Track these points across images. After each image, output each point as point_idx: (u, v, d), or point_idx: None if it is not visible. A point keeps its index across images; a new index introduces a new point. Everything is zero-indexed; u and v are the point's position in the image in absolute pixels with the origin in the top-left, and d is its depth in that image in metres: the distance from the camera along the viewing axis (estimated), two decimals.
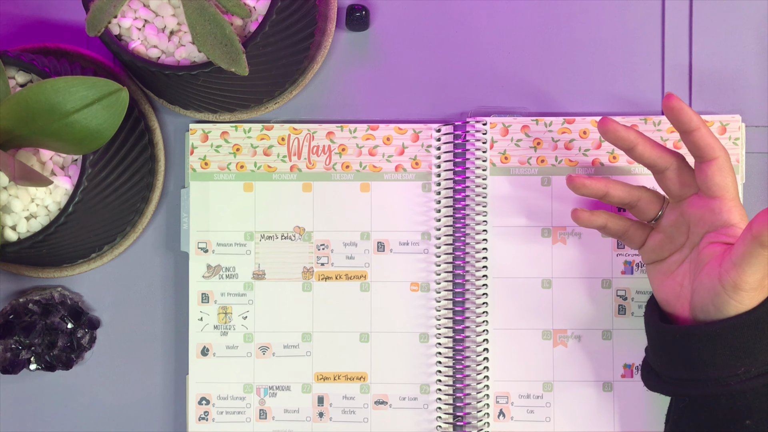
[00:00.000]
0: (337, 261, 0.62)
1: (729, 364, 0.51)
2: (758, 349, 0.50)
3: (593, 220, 0.57)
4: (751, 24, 0.62)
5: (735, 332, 0.51)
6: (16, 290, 0.63)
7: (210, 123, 0.62)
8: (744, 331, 0.51)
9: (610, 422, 0.61)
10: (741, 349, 0.51)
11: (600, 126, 0.55)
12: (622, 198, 0.56)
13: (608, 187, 0.56)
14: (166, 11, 0.54)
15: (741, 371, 0.51)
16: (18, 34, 0.63)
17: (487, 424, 0.61)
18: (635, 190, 0.56)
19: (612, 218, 0.57)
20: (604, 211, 0.57)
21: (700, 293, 0.53)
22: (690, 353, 0.52)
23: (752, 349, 0.51)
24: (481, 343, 0.61)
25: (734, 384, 0.51)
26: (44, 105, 0.50)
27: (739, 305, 0.51)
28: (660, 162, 0.55)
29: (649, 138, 0.55)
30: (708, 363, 0.51)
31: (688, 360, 0.52)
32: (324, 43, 0.62)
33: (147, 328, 0.63)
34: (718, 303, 0.51)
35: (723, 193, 0.53)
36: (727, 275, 0.50)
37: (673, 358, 0.54)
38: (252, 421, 0.62)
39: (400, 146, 0.62)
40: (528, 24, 0.63)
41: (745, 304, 0.51)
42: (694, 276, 0.54)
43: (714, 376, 0.51)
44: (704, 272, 0.52)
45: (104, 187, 0.56)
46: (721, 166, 0.53)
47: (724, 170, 0.53)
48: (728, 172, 0.53)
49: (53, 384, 0.63)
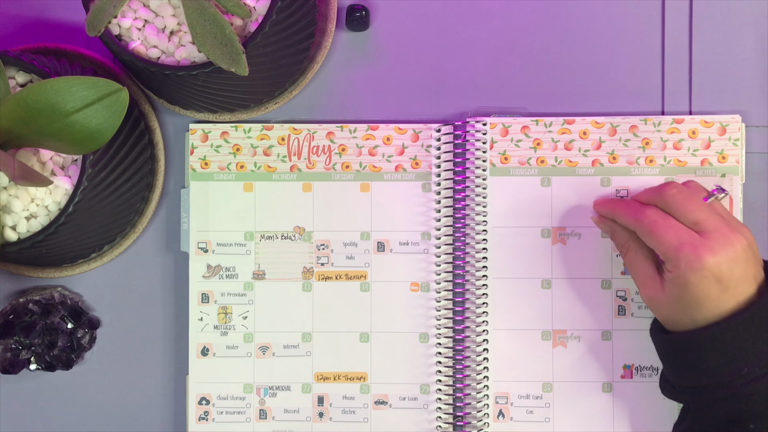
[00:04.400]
0: (337, 261, 0.62)
1: (731, 366, 0.51)
2: (758, 347, 0.50)
3: (601, 226, 0.60)
4: (751, 24, 0.62)
5: (732, 333, 0.51)
6: (16, 290, 0.63)
7: (210, 123, 0.62)
8: (740, 330, 0.51)
9: (609, 423, 0.61)
10: (741, 349, 0.51)
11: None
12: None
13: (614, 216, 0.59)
14: (166, 11, 0.54)
15: (744, 371, 0.50)
16: (18, 34, 0.63)
17: (486, 425, 0.61)
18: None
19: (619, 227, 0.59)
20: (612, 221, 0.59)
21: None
22: (692, 360, 0.52)
23: (752, 348, 0.50)
24: (481, 343, 0.61)
25: (739, 386, 0.50)
26: (44, 105, 0.50)
27: (702, 280, 0.52)
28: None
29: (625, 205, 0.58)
30: (711, 367, 0.51)
31: (691, 366, 0.52)
32: (324, 43, 0.62)
33: (147, 328, 0.63)
34: (685, 294, 0.53)
35: (658, 248, 0.54)
36: (667, 263, 0.53)
37: (678, 366, 0.54)
38: (252, 421, 0.62)
39: (400, 146, 0.62)
40: (528, 24, 0.63)
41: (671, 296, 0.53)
42: None
43: (719, 380, 0.51)
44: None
45: (104, 187, 0.56)
46: (644, 233, 0.55)
47: (651, 235, 0.54)
48: (656, 230, 0.54)
49: (53, 384, 0.63)
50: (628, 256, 0.57)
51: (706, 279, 0.51)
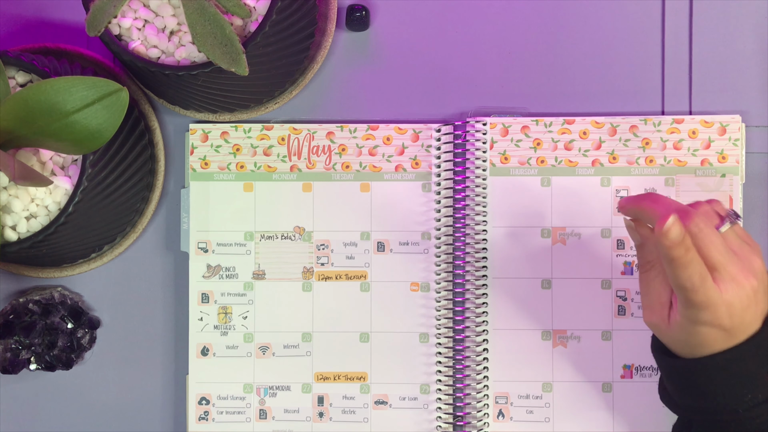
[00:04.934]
0: (337, 261, 0.62)
1: (735, 393, 0.50)
2: (763, 374, 0.49)
3: (633, 234, 0.54)
4: (751, 24, 0.62)
5: (737, 363, 0.50)
6: (16, 290, 0.63)
7: (210, 123, 0.62)
8: (746, 360, 0.50)
9: (609, 423, 0.61)
10: (746, 377, 0.50)
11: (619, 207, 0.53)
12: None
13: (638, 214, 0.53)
14: (166, 11, 0.54)
15: (748, 398, 0.50)
16: (18, 34, 0.63)
17: (486, 424, 0.61)
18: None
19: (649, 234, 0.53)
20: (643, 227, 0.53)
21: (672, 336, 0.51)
22: (695, 383, 0.51)
23: (757, 375, 0.50)
24: (481, 343, 0.61)
25: (742, 411, 0.50)
26: (44, 105, 0.50)
27: (710, 330, 0.49)
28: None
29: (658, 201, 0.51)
30: (715, 393, 0.50)
31: (695, 389, 0.51)
32: (324, 43, 0.62)
33: (147, 328, 0.63)
34: (691, 337, 0.50)
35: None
36: (679, 300, 0.49)
37: (680, 387, 0.53)
38: (252, 421, 0.62)
39: (400, 146, 0.62)
40: (528, 24, 0.63)
41: (717, 324, 0.49)
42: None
43: (722, 405, 0.50)
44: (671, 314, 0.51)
45: (104, 187, 0.56)
46: (667, 261, 0.49)
47: (674, 269, 0.48)
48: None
49: (53, 384, 0.63)
50: (649, 274, 0.53)
51: (715, 330, 0.49)
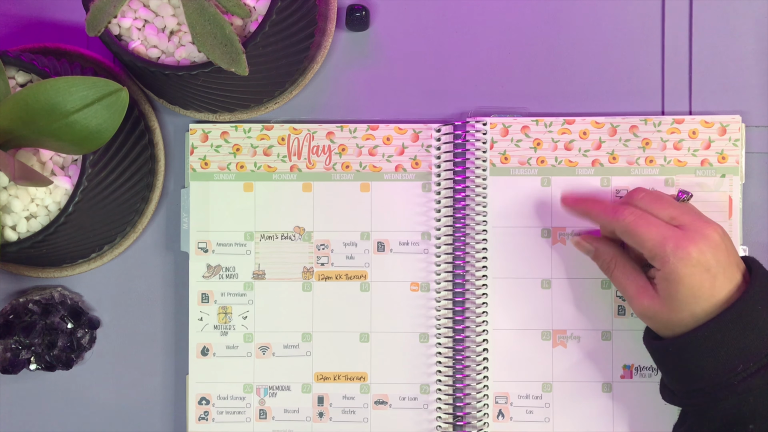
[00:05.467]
0: (337, 261, 0.62)
1: (726, 365, 0.51)
2: (750, 342, 0.50)
3: (581, 248, 0.60)
4: (751, 24, 0.62)
5: (722, 332, 0.51)
6: (16, 290, 0.63)
7: (210, 123, 0.62)
8: (730, 328, 0.51)
9: (609, 423, 0.61)
10: (733, 346, 0.51)
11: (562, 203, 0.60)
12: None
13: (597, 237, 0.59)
14: (166, 11, 0.54)
15: (740, 369, 0.50)
16: (18, 34, 0.63)
17: (486, 424, 0.61)
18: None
19: (602, 244, 0.58)
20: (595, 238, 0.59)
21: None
22: (687, 363, 0.52)
23: (744, 344, 0.50)
24: (481, 343, 0.61)
25: (737, 383, 0.50)
26: (44, 105, 0.50)
27: (694, 272, 0.52)
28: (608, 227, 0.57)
29: (599, 204, 0.58)
30: (706, 368, 0.51)
31: (687, 370, 0.52)
32: (324, 43, 0.62)
33: (147, 328, 0.63)
34: (680, 295, 0.53)
35: (642, 249, 0.54)
36: (656, 265, 0.53)
37: (674, 371, 0.54)
38: (252, 421, 0.62)
39: (400, 146, 0.62)
40: (528, 24, 0.63)
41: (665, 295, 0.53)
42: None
43: (715, 381, 0.51)
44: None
45: (104, 187, 0.56)
46: (625, 231, 0.54)
47: (634, 233, 0.54)
48: (638, 231, 0.54)
49: (53, 384, 0.63)
50: (616, 272, 0.56)
51: (696, 269, 0.52)
